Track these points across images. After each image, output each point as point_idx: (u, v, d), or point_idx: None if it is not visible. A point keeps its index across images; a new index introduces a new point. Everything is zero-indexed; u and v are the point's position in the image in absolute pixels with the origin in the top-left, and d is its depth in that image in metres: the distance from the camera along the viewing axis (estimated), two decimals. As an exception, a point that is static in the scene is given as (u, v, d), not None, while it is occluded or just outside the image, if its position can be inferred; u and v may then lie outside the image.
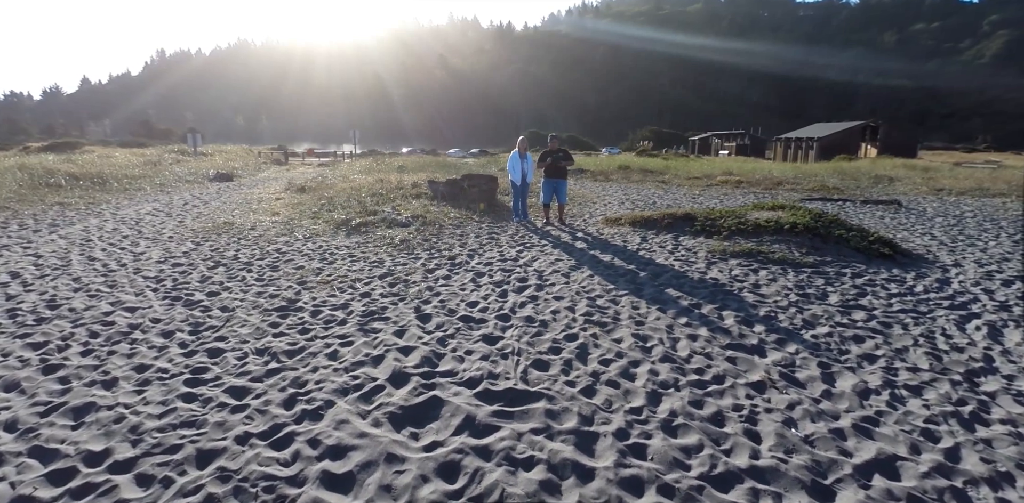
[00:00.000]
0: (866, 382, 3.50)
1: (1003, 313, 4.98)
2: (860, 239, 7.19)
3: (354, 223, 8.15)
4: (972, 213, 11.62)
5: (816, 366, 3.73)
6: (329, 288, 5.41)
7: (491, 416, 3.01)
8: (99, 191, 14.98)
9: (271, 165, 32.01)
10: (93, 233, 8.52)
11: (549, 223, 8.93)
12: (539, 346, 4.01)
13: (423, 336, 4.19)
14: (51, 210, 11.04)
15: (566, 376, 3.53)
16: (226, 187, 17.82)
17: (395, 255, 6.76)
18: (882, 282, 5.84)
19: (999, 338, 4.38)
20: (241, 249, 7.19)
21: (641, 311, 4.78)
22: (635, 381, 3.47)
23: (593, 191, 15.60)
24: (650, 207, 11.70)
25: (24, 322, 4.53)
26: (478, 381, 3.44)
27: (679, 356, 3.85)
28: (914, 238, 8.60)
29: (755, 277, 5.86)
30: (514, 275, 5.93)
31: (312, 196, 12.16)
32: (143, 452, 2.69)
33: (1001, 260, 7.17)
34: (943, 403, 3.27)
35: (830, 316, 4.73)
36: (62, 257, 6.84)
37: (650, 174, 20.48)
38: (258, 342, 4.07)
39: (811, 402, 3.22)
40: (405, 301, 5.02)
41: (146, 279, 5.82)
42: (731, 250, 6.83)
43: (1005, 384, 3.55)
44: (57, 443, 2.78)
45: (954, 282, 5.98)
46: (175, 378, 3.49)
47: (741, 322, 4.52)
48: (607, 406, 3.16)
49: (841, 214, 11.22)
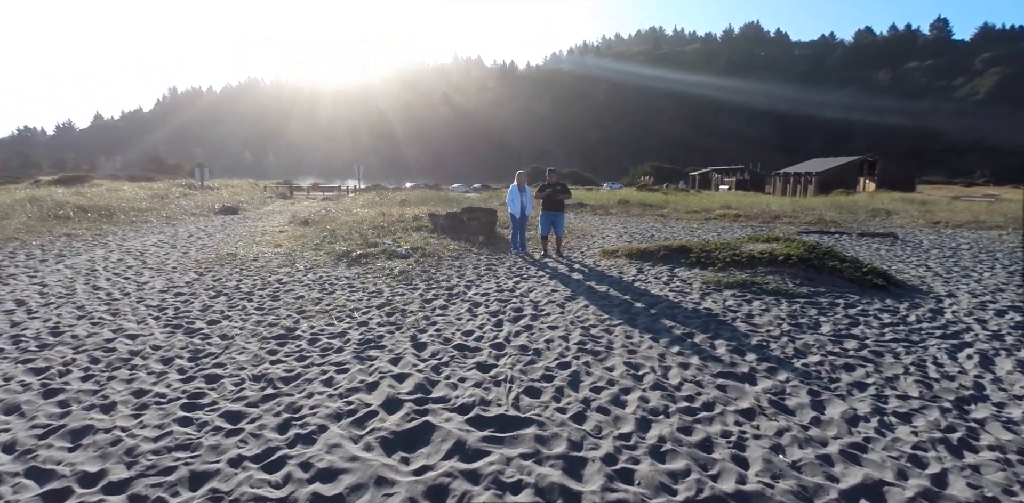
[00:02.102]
0: (855, 409, 3.54)
1: (995, 342, 5.02)
2: (854, 270, 7.27)
3: (355, 255, 8.28)
4: (968, 245, 11.71)
5: (806, 394, 3.76)
6: (327, 317, 5.49)
7: (481, 441, 3.05)
8: (106, 223, 15.21)
9: (276, 199, 32.45)
10: (98, 263, 8.65)
11: (547, 255, 9.05)
12: (532, 374, 4.06)
13: (418, 364, 4.24)
14: (58, 241, 11.23)
15: (557, 403, 3.57)
16: (231, 220, 18.07)
17: (394, 286, 6.85)
18: (875, 312, 5.89)
19: (991, 367, 4.41)
20: (243, 279, 7.30)
21: (634, 340, 4.84)
22: (625, 408, 3.51)
23: (592, 224, 15.78)
24: (648, 240, 11.82)
25: (27, 348, 4.61)
26: (470, 407, 3.48)
27: (670, 384, 3.90)
28: (909, 269, 8.67)
29: (748, 307, 5.92)
30: (510, 305, 6.00)
31: (315, 229, 12.34)
32: (137, 474, 2.73)
33: (995, 290, 7.22)
34: (932, 430, 3.29)
35: (822, 345, 4.78)
36: (67, 286, 6.95)
37: (649, 208, 20.71)
38: (255, 369, 4.13)
39: (800, 429, 3.25)
40: (402, 330, 5.09)
41: (148, 308, 5.91)
42: (726, 281, 6.91)
43: (995, 411, 3.58)
44: (54, 464, 2.83)
45: (947, 312, 6.03)
46: (172, 403, 3.54)
47: (733, 351, 4.57)
48: (597, 432, 3.19)
49: (837, 246, 11.32)
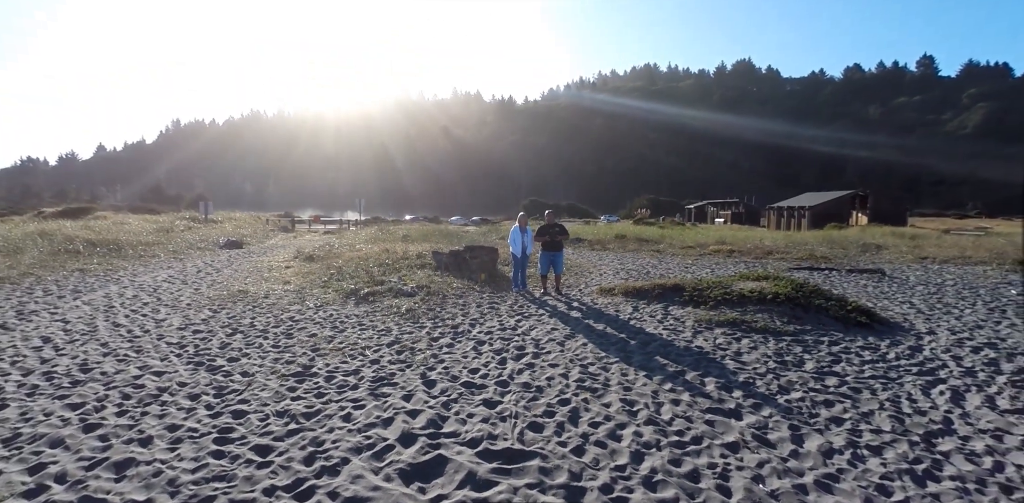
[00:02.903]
0: (831, 442, 3.86)
1: (968, 378, 5.36)
2: (839, 308, 7.64)
3: (362, 293, 8.64)
4: (952, 281, 12.11)
5: (787, 428, 4.09)
6: (341, 355, 5.82)
7: (490, 472, 3.37)
8: (116, 257, 15.58)
9: (278, 232, 32.92)
10: (115, 300, 8.99)
11: (547, 293, 9.42)
12: (535, 410, 4.39)
13: (429, 400, 4.57)
14: (72, 276, 11.57)
15: (558, 437, 3.89)
16: (236, 254, 18.45)
17: (401, 324, 7.20)
18: (857, 349, 6.24)
19: (961, 402, 4.74)
20: (256, 317, 7.64)
21: (629, 377, 5.17)
22: (621, 442, 3.83)
23: (590, 260, 16.19)
24: (644, 276, 12.22)
25: (61, 384, 4.92)
26: (479, 441, 3.80)
27: (662, 419, 4.22)
28: (893, 306, 9.05)
29: (737, 345, 6.27)
30: (512, 343, 6.35)
31: (321, 265, 12.72)
32: (181, 502, 3.04)
33: (974, 327, 7.58)
34: (900, 462, 3.62)
35: (804, 382, 5.12)
36: (88, 323, 7.28)
37: (645, 243, 21.18)
38: (278, 405, 4.45)
39: (779, 461, 3.58)
40: (412, 367, 5.42)
41: (169, 345, 6.24)
42: (717, 319, 7.28)
43: (960, 444, 3.91)
44: (104, 494, 3.13)
45: (926, 349, 6.38)
46: (204, 437, 3.86)
47: (721, 388, 4.90)
48: (595, 464, 3.51)
49: (826, 283, 11.72)
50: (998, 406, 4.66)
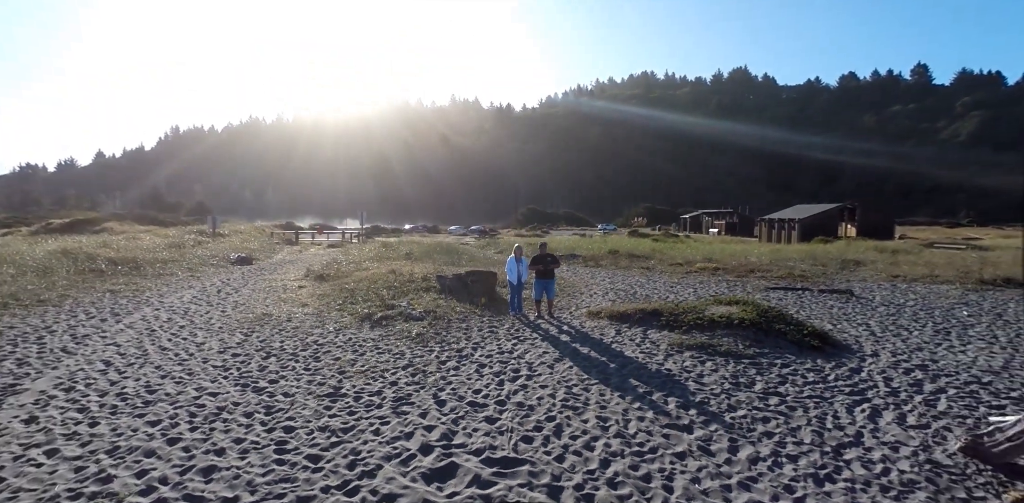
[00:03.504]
0: (759, 452, 4.92)
1: (890, 398, 6.42)
2: (796, 332, 8.71)
3: (376, 317, 9.70)
4: (914, 302, 13.19)
5: (727, 440, 5.15)
6: (364, 377, 6.87)
7: (491, 475, 4.42)
8: (137, 276, 16.62)
9: (283, 245, 33.99)
10: (153, 323, 10.03)
11: (540, 316, 10.48)
12: (526, 425, 5.44)
13: (441, 417, 5.62)
14: (105, 298, 12.60)
15: (545, 447, 4.94)
16: (248, 271, 19.50)
17: (413, 348, 8.25)
18: (803, 371, 7.30)
19: (876, 419, 5.80)
20: (284, 341, 8.68)
21: (606, 398, 6.23)
22: (593, 451, 4.89)
23: (583, 278, 17.26)
24: (630, 297, 13.29)
25: (135, 404, 5.96)
26: (482, 451, 4.85)
27: (628, 433, 5.28)
28: (850, 328, 10.12)
29: (701, 368, 7.33)
30: (509, 366, 7.40)
31: (332, 286, 13.77)
32: (261, 498, 4.08)
33: (915, 349, 8.65)
34: (808, 468, 4.67)
35: (750, 401, 6.17)
36: (138, 346, 8.32)
37: (637, 259, 22.27)
38: (319, 421, 5.50)
39: (714, 466, 4.63)
40: (425, 388, 6.47)
41: (215, 368, 7.28)
42: (687, 343, 8.34)
43: (861, 454, 4.96)
44: (200, 492, 4.18)
45: (864, 371, 7.44)
46: (266, 448, 4.90)
47: (680, 406, 5.96)
48: (571, 468, 4.56)
49: (797, 304, 12.80)
50: (905, 422, 5.71)
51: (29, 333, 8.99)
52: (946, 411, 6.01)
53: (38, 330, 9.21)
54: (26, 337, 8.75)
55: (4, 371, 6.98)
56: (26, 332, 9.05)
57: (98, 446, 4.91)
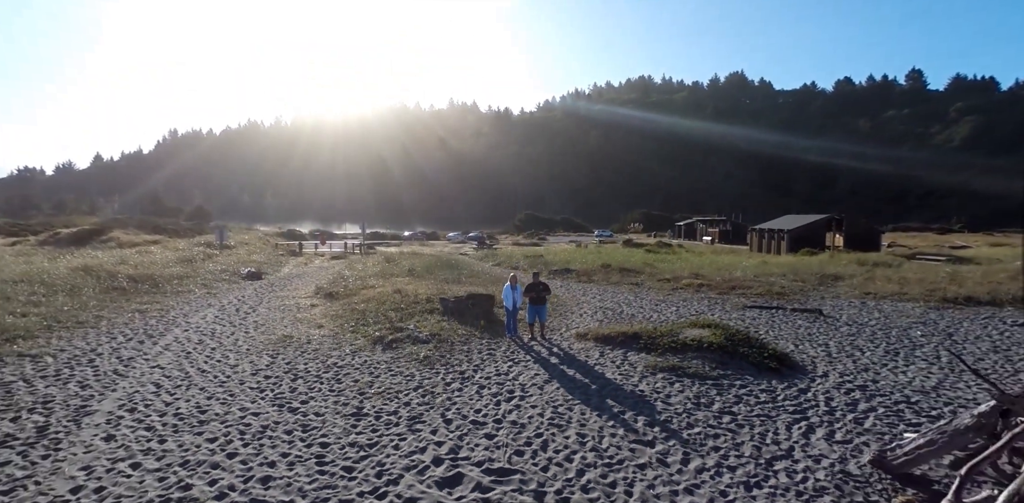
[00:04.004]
0: (705, 464, 6.11)
1: (826, 416, 7.62)
2: (758, 355, 9.91)
3: (387, 340, 10.88)
4: (875, 321, 14.40)
5: (681, 454, 6.34)
6: (381, 398, 8.05)
7: (490, 482, 5.61)
8: (158, 294, 17.79)
9: (288, 257, 35.17)
10: (186, 345, 11.20)
11: (533, 338, 11.67)
12: (519, 441, 6.63)
13: (448, 434, 6.80)
14: (136, 318, 13.76)
15: (533, 460, 6.14)
16: (260, 287, 20.68)
17: (421, 370, 9.44)
18: (757, 392, 8.50)
19: (809, 435, 7.00)
20: (308, 363, 9.87)
21: (586, 416, 7.42)
22: (572, 463, 6.08)
23: (575, 296, 18.47)
24: (617, 317, 14.50)
25: (191, 423, 7.13)
26: (483, 463, 6.04)
27: (601, 447, 6.47)
28: (809, 349, 11.33)
29: (670, 389, 8.53)
30: (505, 387, 8.59)
31: (343, 306, 14.95)
32: (311, 502, 5.26)
33: (861, 370, 9.86)
34: (743, 477, 5.86)
35: (707, 419, 7.37)
36: (180, 369, 9.49)
37: (627, 274, 23.48)
38: (347, 438, 6.68)
39: (667, 475, 5.83)
40: (434, 408, 7.66)
41: (252, 389, 8.45)
42: (661, 365, 9.54)
43: (789, 465, 6.16)
44: (262, 498, 5.35)
45: (810, 391, 8.65)
46: (308, 461, 6.08)
47: (647, 424, 7.16)
48: (554, 477, 5.75)
49: (768, 323, 14.01)
50: (833, 438, 6.91)
51: (80, 356, 10.16)
52: (869, 428, 7.21)
53: (87, 353, 10.37)
54: (79, 359, 9.92)
55: (72, 393, 8.15)
56: (77, 355, 10.21)
57: (172, 460, 6.09)
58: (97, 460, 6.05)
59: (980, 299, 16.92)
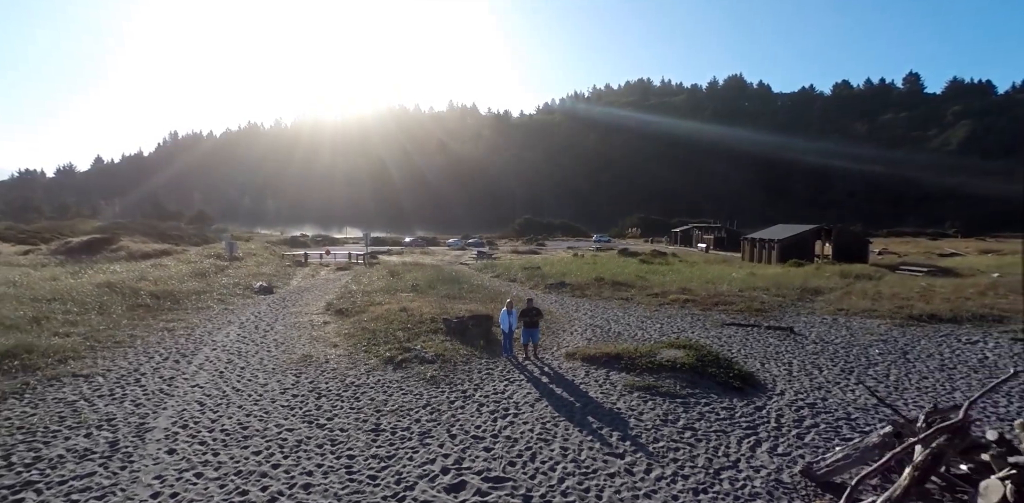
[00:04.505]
0: (664, 473, 7.47)
1: (774, 432, 8.97)
2: (724, 375, 11.26)
3: (397, 360, 12.24)
4: (840, 338, 15.75)
5: (645, 464, 7.70)
6: (395, 415, 9.41)
7: (488, 488, 6.97)
8: (180, 310, 19.15)
9: (295, 267, 36.55)
10: (218, 364, 12.55)
11: (527, 357, 13.03)
12: (512, 453, 7.99)
13: (453, 447, 8.16)
14: (166, 337, 15.12)
15: (523, 469, 7.49)
16: (273, 302, 22.05)
17: (429, 389, 10.80)
18: (719, 409, 9.86)
19: (755, 449, 8.35)
20: (328, 382, 11.22)
21: (569, 432, 8.79)
22: (555, 472, 7.44)
23: (567, 312, 19.83)
24: (605, 335, 15.86)
25: (236, 438, 8.48)
26: (482, 472, 7.39)
27: (580, 459, 7.83)
28: (773, 368, 12.68)
29: (643, 407, 9.89)
30: (501, 405, 9.96)
31: (354, 324, 16.31)
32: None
33: (815, 388, 11.21)
34: (693, 484, 7.22)
35: (671, 434, 8.73)
36: (217, 388, 10.84)
37: (619, 288, 24.85)
38: (370, 451, 8.03)
39: (632, 483, 7.18)
40: (440, 425, 9.02)
41: (283, 407, 9.81)
42: (638, 384, 10.90)
43: (734, 474, 7.51)
44: (308, 502, 6.71)
45: (765, 409, 10.00)
46: (340, 470, 7.43)
47: (620, 439, 8.52)
48: (539, 483, 7.11)
49: (743, 341, 15.36)
50: (775, 451, 8.27)
51: (126, 375, 11.52)
52: (808, 443, 8.56)
53: (132, 373, 11.73)
54: (126, 379, 11.28)
55: (129, 411, 9.51)
56: (123, 374, 11.57)
57: (227, 470, 7.45)
58: (166, 470, 7.41)
59: (942, 316, 18.25)
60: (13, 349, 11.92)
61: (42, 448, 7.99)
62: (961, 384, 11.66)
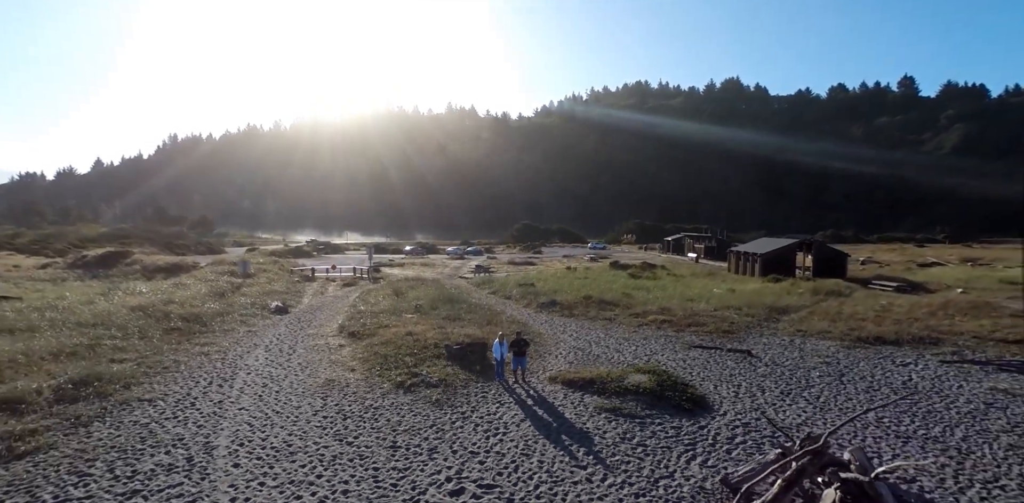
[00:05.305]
0: (616, 481, 9.82)
1: (710, 448, 11.32)
2: (679, 398, 13.60)
3: (407, 384, 14.60)
4: (791, 361, 18.10)
5: (602, 474, 10.05)
6: (408, 434, 11.76)
7: (482, 493, 9.33)
8: (208, 333, 21.51)
9: (303, 282, 38.92)
10: (255, 388, 14.88)
11: (516, 381, 15.38)
12: (499, 465, 10.34)
13: (455, 461, 10.50)
14: (205, 362, 17.43)
15: (508, 479, 9.84)
16: (289, 322, 24.41)
17: (435, 411, 13.15)
18: (668, 428, 12.21)
19: (690, 462, 10.70)
20: (351, 405, 13.57)
21: (545, 448, 11.14)
22: (532, 480, 9.79)
23: (555, 333, 22.21)
24: (586, 357, 18.23)
25: (284, 454, 10.82)
26: (477, 480, 9.74)
27: (552, 470, 10.18)
28: (723, 390, 15.03)
29: (607, 426, 12.24)
30: (493, 425, 12.31)
31: (365, 347, 18.66)
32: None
33: (753, 409, 13.55)
34: (637, 490, 9.57)
35: (626, 450, 11.08)
36: (260, 410, 13.17)
37: (605, 307, 27.22)
38: (389, 464, 10.38)
39: (591, 488, 9.54)
40: (444, 442, 11.37)
41: (317, 427, 12.15)
42: (606, 406, 13.26)
43: (668, 482, 9.86)
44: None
45: (707, 428, 12.35)
46: (368, 480, 9.77)
47: (584, 454, 10.87)
48: (520, 489, 9.47)
49: (706, 363, 17.69)
50: (706, 464, 10.62)
51: (182, 399, 13.86)
52: (734, 457, 10.91)
53: (186, 397, 14.07)
54: (183, 402, 13.63)
55: (193, 432, 11.86)
56: (180, 398, 13.92)
57: (282, 480, 9.80)
58: (236, 480, 9.76)
59: (887, 339, 20.62)
60: (86, 378, 14.24)
61: (135, 463, 10.35)
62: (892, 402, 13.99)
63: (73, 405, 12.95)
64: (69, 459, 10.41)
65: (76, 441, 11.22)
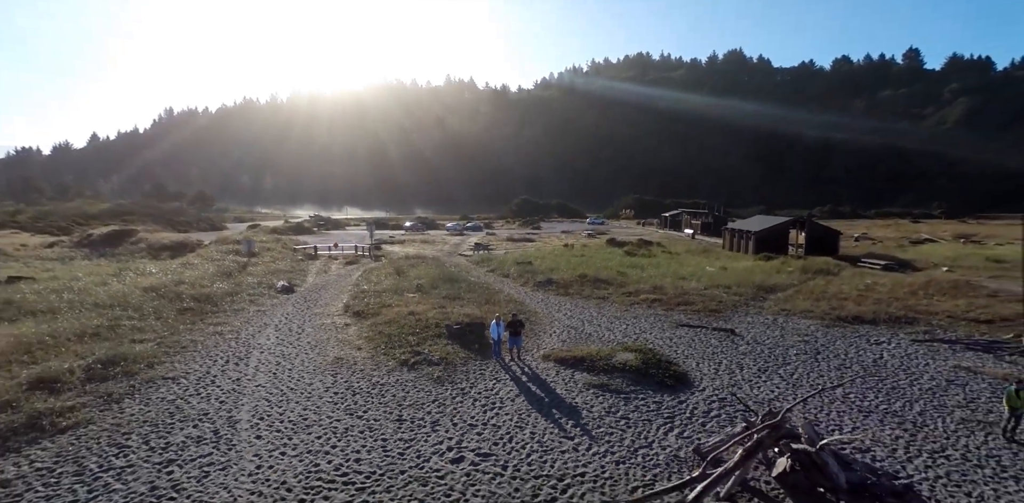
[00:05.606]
0: (600, 451, 10.96)
1: (687, 422, 12.46)
2: (662, 375, 14.72)
3: (410, 362, 15.71)
4: (771, 340, 19.20)
5: (587, 444, 11.19)
6: (413, 409, 12.89)
7: (479, 460, 10.48)
8: (219, 313, 22.57)
9: (306, 261, 39.93)
10: (269, 366, 15.98)
11: (512, 359, 16.50)
12: (496, 436, 11.48)
13: (455, 433, 11.64)
14: (220, 342, 18.51)
15: (503, 448, 10.99)
16: (296, 301, 25.48)
17: (436, 387, 14.28)
18: (650, 403, 13.34)
19: (667, 433, 11.84)
20: (359, 381, 14.69)
21: (537, 421, 12.28)
22: (524, 449, 10.94)
23: (550, 312, 23.29)
24: (578, 336, 19.33)
25: (301, 426, 11.95)
26: (476, 450, 10.89)
27: (543, 440, 11.33)
28: (704, 367, 16.14)
29: (594, 401, 13.38)
30: (490, 400, 13.45)
31: (370, 326, 19.74)
32: (384, 471, 10.12)
33: (731, 385, 14.68)
34: (616, 458, 10.72)
35: (610, 422, 12.21)
36: (275, 387, 14.28)
37: (600, 286, 28.28)
38: (397, 435, 11.52)
39: (576, 457, 10.68)
40: (445, 415, 12.50)
41: (329, 402, 13.27)
42: (594, 383, 14.39)
43: (647, 451, 11.01)
44: (358, 471, 10.21)
45: (685, 402, 13.48)
46: (378, 449, 10.91)
47: (573, 426, 12.02)
48: (513, 457, 10.62)
49: (691, 341, 18.78)
50: (682, 435, 11.76)
51: (203, 377, 14.98)
52: (708, 429, 12.06)
53: (206, 375, 15.18)
54: (204, 380, 14.75)
55: (216, 407, 12.99)
56: (200, 377, 15.03)
57: (301, 450, 10.94)
58: (259, 450, 10.90)
59: (865, 318, 21.70)
60: (113, 358, 15.34)
61: (167, 436, 11.49)
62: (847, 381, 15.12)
63: (104, 383, 14.06)
64: (107, 433, 11.55)
65: (111, 416, 12.35)
